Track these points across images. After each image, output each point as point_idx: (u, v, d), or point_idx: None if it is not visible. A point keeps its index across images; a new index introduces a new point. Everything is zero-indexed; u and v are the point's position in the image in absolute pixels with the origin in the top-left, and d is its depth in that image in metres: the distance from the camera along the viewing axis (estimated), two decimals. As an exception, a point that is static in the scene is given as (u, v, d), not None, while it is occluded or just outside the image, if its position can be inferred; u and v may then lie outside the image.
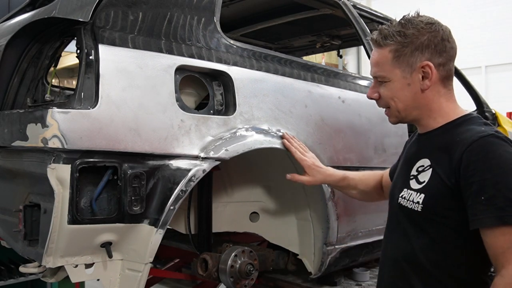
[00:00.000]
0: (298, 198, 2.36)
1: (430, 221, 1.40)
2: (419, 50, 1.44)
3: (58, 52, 1.87)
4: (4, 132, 1.75)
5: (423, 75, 1.44)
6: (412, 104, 1.48)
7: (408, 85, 1.46)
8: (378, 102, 1.56)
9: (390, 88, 1.49)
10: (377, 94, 1.54)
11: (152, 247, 1.69)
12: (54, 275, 1.84)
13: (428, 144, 1.49)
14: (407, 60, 1.45)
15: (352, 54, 14.07)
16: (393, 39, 1.45)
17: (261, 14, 3.54)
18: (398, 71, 1.46)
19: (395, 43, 1.45)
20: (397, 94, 1.48)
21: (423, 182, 1.43)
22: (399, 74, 1.46)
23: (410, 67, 1.45)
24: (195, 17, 1.92)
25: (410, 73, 1.45)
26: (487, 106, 3.93)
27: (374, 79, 1.54)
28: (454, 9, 12.11)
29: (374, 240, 2.55)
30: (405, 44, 1.44)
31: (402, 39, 1.44)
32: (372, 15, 3.13)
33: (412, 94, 1.47)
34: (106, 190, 1.63)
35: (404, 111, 1.50)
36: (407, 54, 1.44)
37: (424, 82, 1.45)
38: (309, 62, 2.46)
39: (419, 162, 1.48)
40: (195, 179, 1.75)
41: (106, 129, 1.59)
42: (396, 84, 1.48)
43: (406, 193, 1.48)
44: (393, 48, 1.46)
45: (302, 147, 2.03)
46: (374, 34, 1.52)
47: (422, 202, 1.40)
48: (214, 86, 1.96)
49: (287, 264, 2.45)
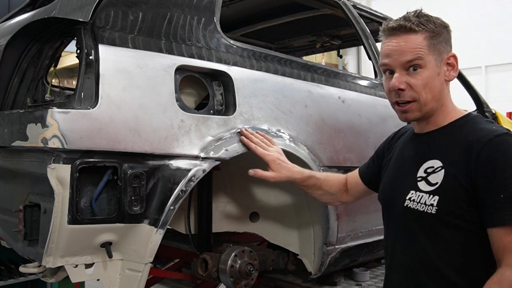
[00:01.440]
0: (298, 198, 2.36)
1: (445, 223, 1.38)
2: (445, 42, 1.45)
3: (58, 52, 1.87)
4: (4, 132, 1.75)
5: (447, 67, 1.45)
6: (437, 96, 1.45)
7: (438, 74, 1.44)
8: (403, 93, 1.45)
9: (424, 76, 1.42)
10: (405, 84, 1.44)
11: (152, 247, 1.69)
12: (54, 275, 1.85)
13: (434, 144, 1.47)
14: (439, 49, 1.44)
15: (352, 54, 14.06)
16: (427, 26, 1.43)
17: (261, 14, 3.54)
18: (432, 58, 1.43)
19: (429, 30, 1.43)
20: (430, 83, 1.43)
21: (435, 183, 1.40)
22: (433, 62, 1.43)
23: (440, 56, 1.44)
24: (195, 17, 1.92)
25: (440, 62, 1.44)
26: (487, 106, 3.93)
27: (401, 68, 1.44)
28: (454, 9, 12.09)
29: (374, 240, 2.55)
30: (437, 32, 1.44)
31: (434, 27, 1.43)
32: (372, 15, 3.13)
33: (439, 85, 1.45)
34: (106, 190, 1.63)
35: (430, 103, 1.44)
36: (439, 43, 1.44)
37: (450, 73, 1.45)
38: (309, 62, 2.46)
39: (427, 163, 1.45)
40: (195, 179, 1.75)
41: (106, 129, 1.59)
42: (430, 72, 1.43)
43: (415, 196, 1.44)
44: (428, 35, 1.43)
45: (265, 142, 1.89)
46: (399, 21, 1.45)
47: (436, 204, 1.38)
48: (214, 86, 1.96)
49: (287, 264, 2.45)
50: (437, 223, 1.39)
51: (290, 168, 1.86)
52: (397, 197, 1.51)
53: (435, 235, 1.40)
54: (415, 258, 1.45)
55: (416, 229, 1.45)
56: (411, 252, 1.46)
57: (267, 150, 1.87)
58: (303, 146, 2.15)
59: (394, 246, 1.55)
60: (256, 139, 1.88)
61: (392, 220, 1.57)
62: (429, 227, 1.41)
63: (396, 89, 1.45)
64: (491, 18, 11.96)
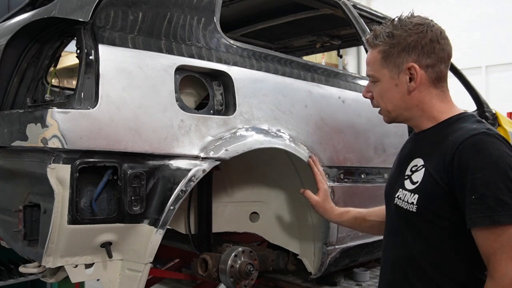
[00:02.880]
0: (298, 198, 2.35)
1: (425, 221, 1.39)
2: (405, 51, 1.44)
3: (58, 52, 1.87)
4: (4, 132, 1.75)
5: (410, 77, 1.45)
6: (402, 105, 1.49)
7: (396, 85, 1.47)
8: (372, 102, 1.57)
9: (380, 88, 1.51)
10: (371, 94, 1.55)
11: (152, 247, 1.69)
12: (54, 275, 1.84)
13: (421, 143, 1.49)
14: (394, 61, 1.46)
15: (352, 54, 14.06)
16: (382, 39, 1.47)
17: (261, 14, 3.54)
18: (386, 71, 1.47)
19: (384, 43, 1.47)
20: (386, 95, 1.50)
21: (416, 182, 1.42)
22: (387, 75, 1.47)
23: (397, 68, 1.46)
24: (195, 17, 1.92)
25: (398, 74, 1.46)
26: (487, 106, 3.92)
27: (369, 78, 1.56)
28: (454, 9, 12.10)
29: (374, 240, 2.55)
30: (392, 45, 1.45)
31: (390, 40, 1.46)
32: (372, 15, 3.13)
33: (400, 95, 1.47)
34: (106, 190, 1.63)
35: (393, 111, 1.51)
36: (394, 55, 1.45)
37: (411, 83, 1.45)
38: (309, 62, 2.46)
39: (412, 162, 1.47)
40: (195, 179, 1.75)
41: (106, 129, 1.59)
42: (384, 85, 1.49)
43: (401, 194, 1.47)
44: (381, 49, 1.47)
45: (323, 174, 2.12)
46: (368, 35, 1.55)
47: (416, 203, 1.39)
48: (214, 86, 1.96)
49: (287, 264, 2.45)
50: (418, 221, 1.41)
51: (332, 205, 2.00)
52: (392, 194, 1.53)
53: (417, 233, 1.42)
54: (402, 255, 1.47)
55: (402, 227, 1.47)
56: (399, 249, 1.48)
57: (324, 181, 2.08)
58: (303, 146, 2.15)
59: (387, 243, 1.58)
60: (320, 169, 2.14)
61: (388, 217, 1.60)
62: (412, 225, 1.43)
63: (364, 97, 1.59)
64: (491, 18, 11.96)
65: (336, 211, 1.96)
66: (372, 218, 1.84)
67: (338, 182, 2.33)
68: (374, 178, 2.55)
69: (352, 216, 1.90)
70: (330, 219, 2.02)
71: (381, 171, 2.57)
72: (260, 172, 2.40)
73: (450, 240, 1.36)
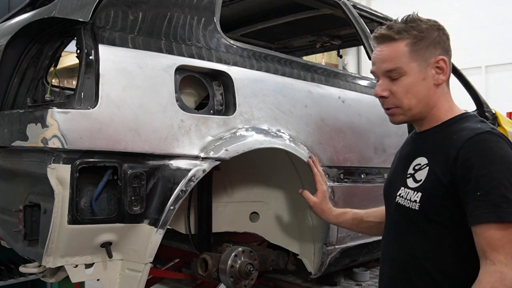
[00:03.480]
0: (298, 198, 2.35)
1: (427, 219, 1.40)
2: (432, 45, 1.44)
3: (58, 52, 1.87)
4: (4, 132, 1.75)
5: (436, 71, 1.45)
6: (424, 101, 1.46)
7: (423, 79, 1.45)
8: (386, 101, 1.50)
9: (405, 83, 1.45)
10: (388, 92, 1.48)
11: (152, 247, 1.69)
12: (54, 275, 1.84)
13: (425, 142, 1.49)
14: (423, 54, 1.44)
15: (352, 54, 14.06)
16: (409, 33, 1.44)
17: (261, 14, 3.54)
18: (415, 64, 1.44)
19: (411, 36, 1.44)
20: (412, 89, 1.45)
21: (420, 180, 1.43)
22: (416, 68, 1.44)
23: (425, 61, 1.44)
24: (195, 17, 1.92)
25: (426, 67, 1.45)
26: (487, 106, 3.92)
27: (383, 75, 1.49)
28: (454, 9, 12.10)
29: (374, 240, 2.55)
30: (420, 37, 1.44)
31: (418, 33, 1.44)
32: (372, 15, 3.13)
33: (426, 90, 1.45)
34: (106, 190, 1.63)
35: (415, 108, 1.47)
36: (423, 49, 1.44)
37: (439, 76, 1.45)
38: (309, 62, 2.46)
39: (416, 161, 1.48)
40: (195, 179, 1.75)
41: (106, 129, 1.59)
42: (411, 79, 1.45)
43: (403, 192, 1.47)
44: (409, 42, 1.44)
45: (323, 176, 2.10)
46: (381, 30, 1.48)
47: (419, 201, 1.40)
48: (214, 86, 1.96)
49: (287, 264, 2.45)
50: (420, 220, 1.41)
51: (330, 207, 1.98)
52: (392, 193, 1.54)
53: (419, 232, 1.42)
54: (402, 253, 1.47)
55: (403, 225, 1.47)
56: (400, 247, 1.49)
57: (323, 182, 2.05)
58: (303, 146, 2.15)
59: (387, 241, 1.58)
60: (320, 169, 2.12)
61: (388, 215, 1.60)
62: (414, 223, 1.43)
63: (379, 97, 1.51)
64: (491, 18, 11.96)
65: (334, 212, 1.95)
66: (370, 219, 1.84)
67: (338, 182, 2.34)
68: (374, 178, 2.55)
69: (350, 217, 1.90)
70: (328, 220, 2.00)
71: (381, 171, 2.57)
72: (260, 172, 2.40)
73: (450, 238, 1.37)
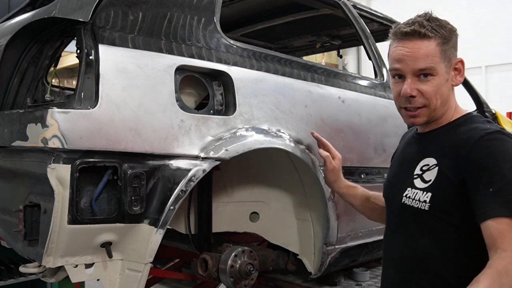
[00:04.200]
0: (298, 198, 2.36)
1: (437, 219, 1.40)
2: (454, 47, 1.45)
3: (58, 52, 1.87)
4: (4, 132, 1.75)
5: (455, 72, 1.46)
6: (445, 101, 1.46)
7: (447, 80, 1.45)
8: (414, 100, 1.44)
9: (436, 83, 1.42)
10: (417, 91, 1.43)
11: (152, 247, 1.69)
12: (54, 275, 1.84)
13: (432, 143, 1.49)
14: (448, 55, 1.43)
15: (352, 54, 14.06)
16: (440, 32, 1.42)
17: (261, 14, 3.54)
18: (443, 65, 1.43)
19: (441, 37, 1.42)
20: (440, 90, 1.43)
21: (429, 181, 1.42)
22: (444, 69, 1.43)
23: (449, 62, 1.44)
24: (195, 17, 1.92)
25: (449, 68, 1.45)
26: (487, 106, 3.93)
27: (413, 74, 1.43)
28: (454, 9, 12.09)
29: (374, 240, 2.55)
30: (448, 38, 1.43)
31: (446, 34, 1.43)
32: (372, 15, 3.13)
33: (448, 90, 1.46)
34: (106, 190, 1.63)
35: (439, 108, 1.45)
36: (448, 50, 1.43)
37: (457, 78, 1.46)
38: (309, 62, 2.46)
39: (423, 161, 1.47)
40: (195, 179, 1.75)
41: (106, 129, 1.59)
42: (441, 79, 1.43)
43: (410, 193, 1.46)
44: (440, 42, 1.42)
45: None
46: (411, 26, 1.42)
47: (429, 201, 1.40)
48: (214, 86, 1.96)
49: (287, 264, 2.45)
50: (430, 220, 1.41)
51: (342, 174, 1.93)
52: (396, 193, 1.53)
53: (428, 232, 1.42)
54: (409, 254, 1.47)
55: (411, 226, 1.47)
56: (406, 248, 1.48)
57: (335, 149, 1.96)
58: (303, 146, 2.14)
59: (391, 241, 1.58)
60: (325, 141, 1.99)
61: (391, 216, 1.59)
62: (423, 223, 1.43)
63: (408, 96, 1.45)
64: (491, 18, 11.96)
65: (345, 183, 1.92)
66: (376, 202, 1.82)
67: (338, 182, 2.33)
68: (374, 178, 2.55)
69: (359, 192, 1.88)
70: (339, 190, 1.94)
71: (381, 171, 2.57)
72: (260, 172, 2.40)
73: (460, 237, 1.37)
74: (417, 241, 1.45)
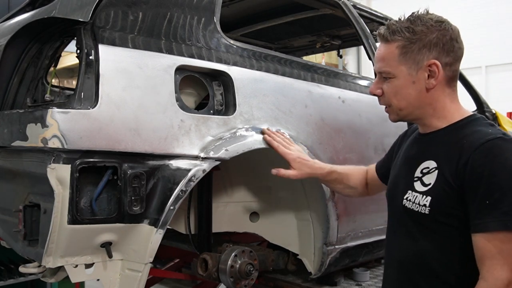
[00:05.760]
0: (298, 198, 2.36)
1: (437, 222, 1.39)
2: (427, 48, 1.42)
3: (58, 52, 1.87)
4: (4, 132, 1.75)
5: (429, 74, 1.43)
6: (415, 103, 1.46)
7: (413, 83, 1.44)
8: (380, 98, 1.53)
9: (394, 85, 1.46)
10: (380, 90, 1.50)
11: (152, 247, 1.69)
12: (54, 275, 1.84)
13: (433, 145, 1.48)
14: (414, 57, 1.42)
15: (352, 54, 14.07)
16: (401, 34, 1.42)
17: (261, 14, 3.54)
18: (404, 67, 1.44)
19: (403, 39, 1.42)
20: (401, 92, 1.46)
21: (428, 184, 1.41)
22: (405, 71, 1.44)
23: (416, 64, 1.43)
24: (195, 17, 1.92)
25: (416, 70, 1.43)
26: (487, 106, 3.93)
27: (378, 74, 1.51)
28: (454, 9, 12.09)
29: (374, 240, 2.55)
30: (413, 40, 1.42)
31: (411, 36, 1.42)
32: (372, 15, 3.13)
33: (416, 93, 1.45)
34: (106, 190, 1.63)
35: (405, 109, 1.47)
36: (415, 51, 1.42)
37: (430, 81, 1.43)
38: (309, 62, 2.46)
39: (423, 164, 1.46)
40: (195, 179, 1.75)
41: (106, 129, 1.59)
42: (400, 81, 1.45)
43: (411, 196, 1.45)
44: (400, 44, 1.43)
45: (286, 141, 1.98)
46: (381, 29, 1.48)
47: (429, 205, 1.39)
48: (214, 86, 1.96)
49: (287, 264, 2.45)
50: (431, 223, 1.40)
51: (311, 165, 1.92)
52: (397, 195, 1.52)
53: (429, 234, 1.42)
54: (410, 256, 1.47)
55: (412, 228, 1.46)
56: (407, 250, 1.48)
57: (288, 149, 1.94)
58: (303, 146, 2.14)
59: (392, 243, 1.57)
60: (278, 139, 1.96)
61: (393, 217, 1.59)
62: (424, 226, 1.43)
63: (372, 94, 1.54)
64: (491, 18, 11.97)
65: (322, 170, 1.91)
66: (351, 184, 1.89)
67: (338, 182, 2.33)
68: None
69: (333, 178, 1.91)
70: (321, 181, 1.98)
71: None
72: (260, 172, 2.39)
73: (461, 239, 1.36)
74: (417, 242, 1.44)
